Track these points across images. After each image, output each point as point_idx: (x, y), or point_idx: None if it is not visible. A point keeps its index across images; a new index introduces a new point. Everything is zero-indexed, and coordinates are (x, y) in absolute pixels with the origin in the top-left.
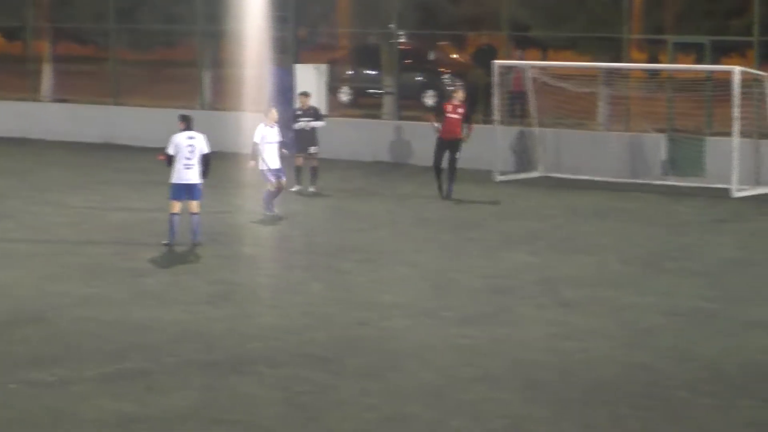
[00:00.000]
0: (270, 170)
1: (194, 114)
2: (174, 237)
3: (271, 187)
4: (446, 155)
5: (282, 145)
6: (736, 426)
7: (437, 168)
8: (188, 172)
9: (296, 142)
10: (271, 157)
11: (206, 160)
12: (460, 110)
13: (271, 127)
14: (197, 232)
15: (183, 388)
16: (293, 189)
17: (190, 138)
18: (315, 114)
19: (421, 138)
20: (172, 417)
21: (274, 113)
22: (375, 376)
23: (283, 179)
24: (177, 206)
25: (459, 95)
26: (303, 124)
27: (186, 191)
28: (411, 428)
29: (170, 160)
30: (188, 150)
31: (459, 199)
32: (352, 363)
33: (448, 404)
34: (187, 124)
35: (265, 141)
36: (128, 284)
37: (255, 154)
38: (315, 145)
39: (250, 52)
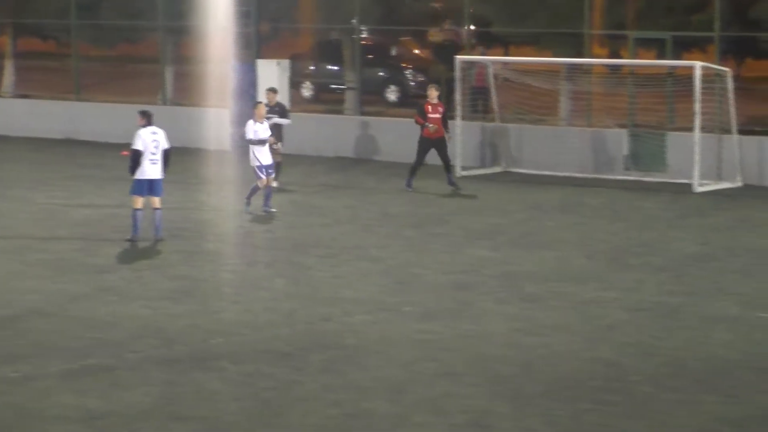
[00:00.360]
0: (261, 166)
1: (156, 110)
2: (137, 233)
3: (260, 184)
4: (432, 153)
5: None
6: (700, 421)
7: (416, 166)
8: (153, 168)
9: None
10: (262, 154)
11: (167, 156)
12: (440, 109)
13: (261, 123)
14: (160, 228)
15: (146, 384)
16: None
17: (154, 133)
18: (281, 111)
19: (384, 133)
20: (136, 413)
21: (262, 109)
22: (338, 371)
23: (272, 176)
24: (140, 202)
25: (433, 94)
26: (272, 121)
27: (149, 187)
28: (374, 424)
29: (136, 155)
30: (153, 146)
31: (421, 195)
32: (315, 359)
33: (410, 399)
34: (147, 119)
35: (257, 137)
36: (91, 280)
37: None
38: (279, 141)
39: (212, 48)
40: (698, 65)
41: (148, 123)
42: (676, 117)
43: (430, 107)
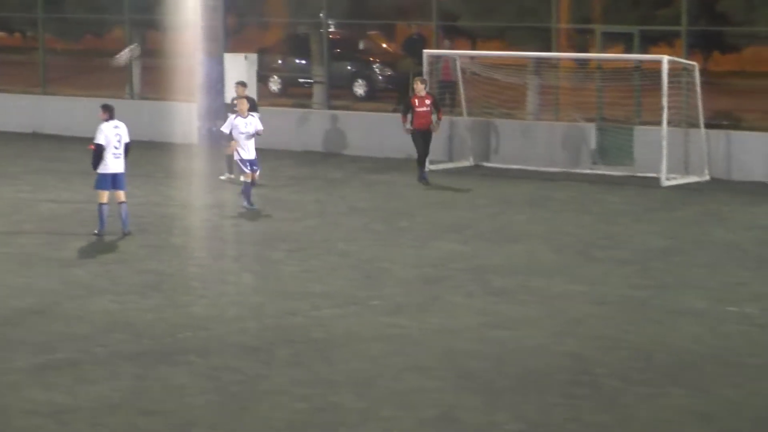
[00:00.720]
0: (243, 161)
1: (123, 104)
2: (104, 227)
3: (246, 178)
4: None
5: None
6: (667, 414)
7: (422, 155)
8: (116, 162)
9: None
10: (244, 148)
11: (126, 150)
12: (428, 101)
13: (243, 117)
14: (126, 222)
15: (113, 379)
16: (222, 177)
17: (116, 127)
18: (250, 105)
19: (352, 127)
20: (103, 407)
21: (244, 103)
22: (305, 365)
23: (257, 171)
24: (105, 196)
25: (420, 87)
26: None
27: (113, 181)
28: (342, 418)
29: (99, 150)
30: (116, 140)
31: (390, 189)
32: (283, 353)
33: (379, 394)
34: (110, 113)
35: (237, 131)
36: (58, 274)
37: (229, 141)
38: None
39: (179, 42)
40: (665, 59)
41: (110, 117)
42: (644, 111)
43: (417, 101)
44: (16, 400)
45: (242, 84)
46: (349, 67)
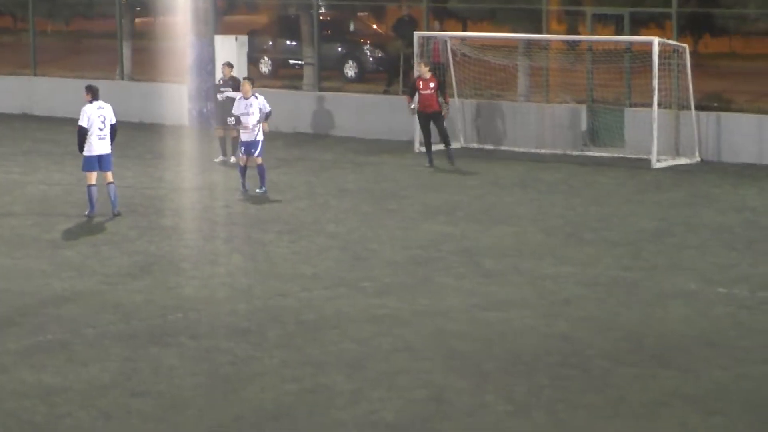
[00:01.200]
0: (240, 143)
1: (114, 85)
2: (94, 209)
3: (240, 162)
4: (431, 127)
5: (266, 116)
6: (656, 395)
7: (426, 142)
8: (101, 143)
9: (217, 112)
10: (243, 130)
11: (113, 131)
12: (432, 84)
13: (245, 99)
14: (116, 202)
15: (103, 360)
16: (216, 160)
17: (100, 108)
18: (235, 85)
19: (342, 109)
20: (93, 388)
21: (247, 84)
22: (295, 347)
23: (254, 154)
24: (93, 177)
25: (424, 70)
26: (225, 95)
27: (99, 162)
28: (332, 399)
29: (82, 132)
30: (100, 121)
31: (379, 170)
32: (273, 334)
33: (368, 375)
34: (94, 94)
35: (239, 113)
36: (48, 256)
37: (237, 124)
38: (231, 116)
39: (170, 23)
40: (656, 41)
41: (94, 98)
42: (634, 93)
43: (421, 83)
44: (6, 381)
45: (229, 65)
46: (339, 49)
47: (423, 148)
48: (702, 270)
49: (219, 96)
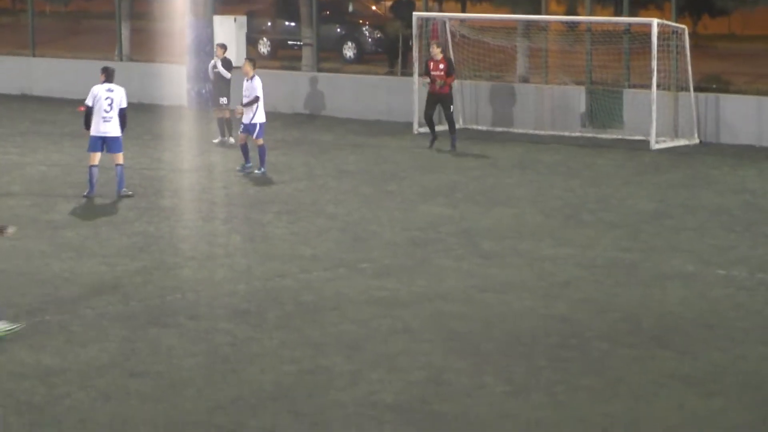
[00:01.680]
0: (241, 123)
1: (113, 66)
2: (93, 189)
3: (239, 141)
4: (438, 109)
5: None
6: (654, 376)
7: (427, 120)
8: (106, 125)
9: (213, 93)
10: (246, 111)
11: (122, 115)
12: (442, 66)
13: (248, 80)
14: (122, 183)
15: (102, 341)
16: (215, 141)
17: (109, 90)
18: (227, 66)
19: (341, 90)
20: (92, 369)
21: (247, 66)
22: (294, 328)
23: (254, 135)
24: (96, 158)
25: (436, 51)
26: (216, 70)
27: (104, 144)
28: (331, 380)
29: (87, 111)
30: (107, 102)
31: (378, 152)
32: (272, 315)
33: (367, 356)
34: (107, 76)
35: (243, 94)
36: (47, 236)
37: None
38: (224, 96)
39: (169, 4)
40: (655, 22)
41: (107, 80)
42: (633, 74)
43: (432, 64)
44: (5, 362)
45: (222, 46)
46: (338, 30)
47: (424, 129)
48: (700, 252)
49: (210, 73)
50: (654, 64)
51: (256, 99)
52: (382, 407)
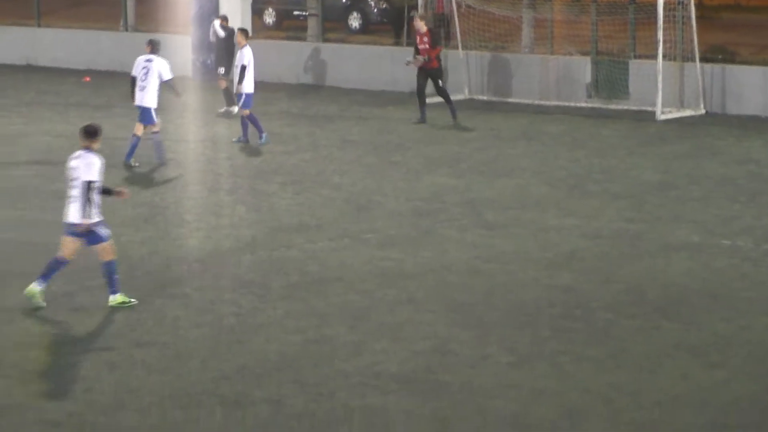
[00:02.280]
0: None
1: (118, 36)
2: (129, 158)
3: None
4: (429, 83)
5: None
6: (658, 347)
7: (418, 93)
8: (140, 95)
9: (216, 63)
10: (238, 81)
11: (168, 85)
12: (426, 39)
13: (239, 50)
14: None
15: (108, 311)
16: (220, 111)
17: (148, 61)
18: (229, 35)
19: (346, 60)
20: (98, 339)
21: (240, 36)
22: (299, 298)
23: (239, 104)
24: (139, 128)
25: (419, 25)
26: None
27: (139, 113)
28: (335, 350)
29: (132, 81)
30: (143, 72)
31: (383, 122)
32: (277, 285)
33: (372, 326)
34: (152, 48)
35: (234, 63)
36: (52, 207)
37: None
38: (222, 66)
39: None
40: None
41: (152, 51)
42: (639, 45)
43: (418, 37)
44: (11, 332)
45: (224, 18)
46: (343, 0)
47: (430, 100)
48: (705, 222)
49: (212, 37)
50: (660, 34)
51: (243, 69)
52: (386, 377)
